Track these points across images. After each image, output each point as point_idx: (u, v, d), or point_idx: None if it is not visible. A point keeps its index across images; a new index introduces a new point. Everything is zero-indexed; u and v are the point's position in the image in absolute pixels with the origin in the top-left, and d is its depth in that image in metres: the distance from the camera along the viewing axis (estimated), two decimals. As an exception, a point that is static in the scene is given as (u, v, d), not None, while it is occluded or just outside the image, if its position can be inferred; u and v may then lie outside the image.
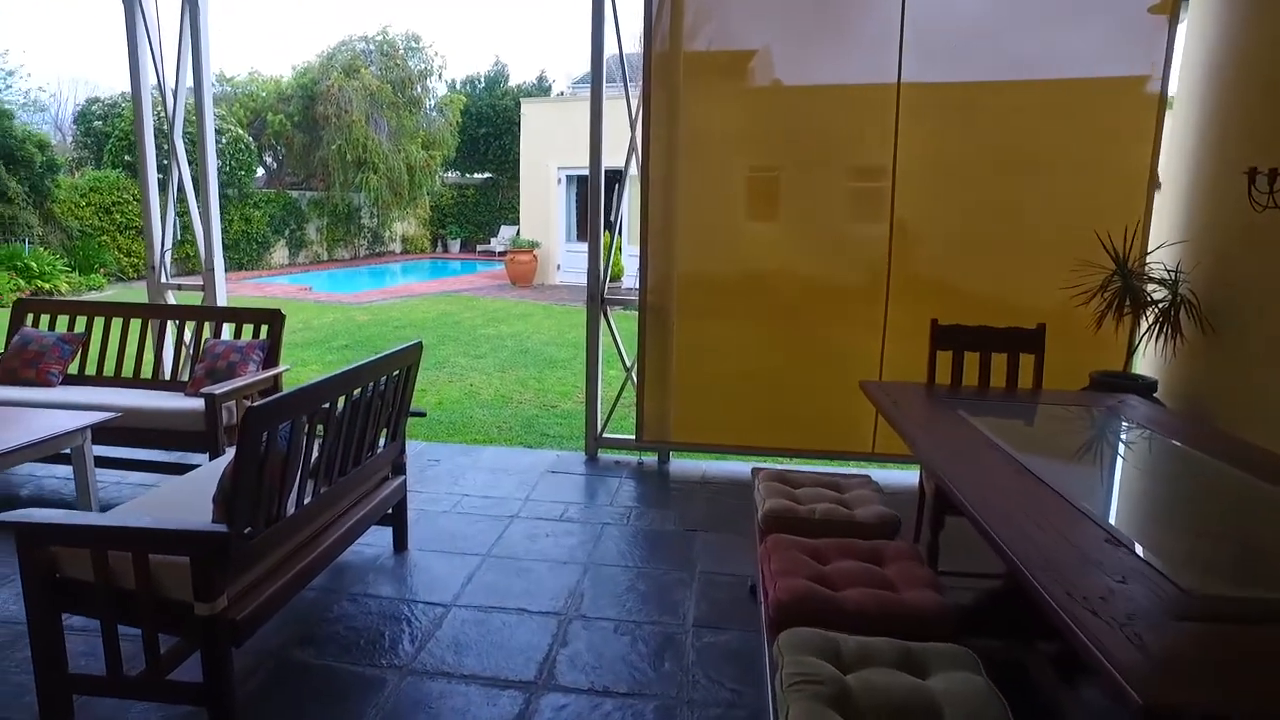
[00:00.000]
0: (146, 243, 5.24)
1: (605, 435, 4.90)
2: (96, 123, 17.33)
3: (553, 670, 2.71)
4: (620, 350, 4.91)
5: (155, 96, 5.22)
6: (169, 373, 4.75)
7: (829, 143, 4.34)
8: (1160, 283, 3.78)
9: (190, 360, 4.55)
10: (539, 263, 15.92)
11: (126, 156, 15.79)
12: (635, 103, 4.48)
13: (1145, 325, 3.79)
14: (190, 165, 5.20)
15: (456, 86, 24.80)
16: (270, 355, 4.37)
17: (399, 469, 3.55)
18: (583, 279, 15.13)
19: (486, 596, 3.21)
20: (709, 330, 4.58)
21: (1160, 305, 3.72)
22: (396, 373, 3.12)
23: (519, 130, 18.71)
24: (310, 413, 2.55)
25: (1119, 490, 2.31)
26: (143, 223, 5.29)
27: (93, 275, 14.24)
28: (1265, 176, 3.01)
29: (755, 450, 4.63)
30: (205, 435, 3.88)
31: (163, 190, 5.27)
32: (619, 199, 5.84)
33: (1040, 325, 3.23)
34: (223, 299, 5.12)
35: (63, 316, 4.76)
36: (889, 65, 4.13)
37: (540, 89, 25.05)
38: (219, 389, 3.85)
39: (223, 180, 17.31)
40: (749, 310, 4.52)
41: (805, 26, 4.26)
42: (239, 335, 4.58)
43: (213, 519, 2.38)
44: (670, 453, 4.82)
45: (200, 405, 3.87)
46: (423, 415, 3.67)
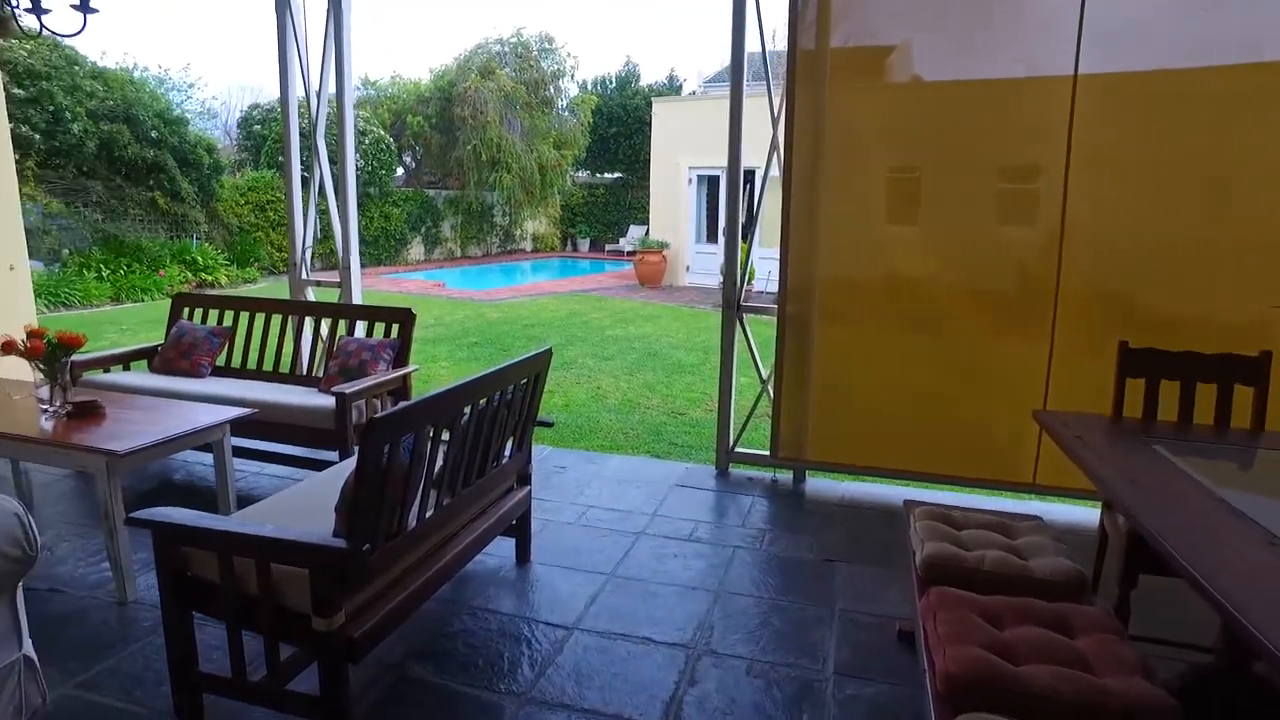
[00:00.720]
0: (290, 240, 5.39)
1: (737, 450, 4.65)
2: (256, 126, 18.47)
3: (679, 714, 2.49)
4: (756, 360, 4.64)
5: (302, 101, 5.36)
6: (305, 368, 4.85)
7: (985, 141, 3.92)
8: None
9: (325, 356, 4.61)
10: (668, 263, 15.78)
11: (279, 158, 16.73)
12: (777, 100, 4.20)
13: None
14: (331, 166, 5.30)
15: (588, 86, 25.03)
16: (400, 355, 4.36)
17: (524, 479, 3.42)
18: (712, 281, 14.81)
19: (611, 621, 3.03)
20: (852, 340, 4.25)
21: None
22: (524, 380, 2.98)
23: (649, 130, 18.64)
24: (434, 424, 2.43)
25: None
26: (287, 221, 5.44)
27: (248, 269, 15.16)
28: None
29: (900, 474, 4.27)
30: (335, 433, 3.89)
31: (305, 190, 5.40)
32: (754, 200, 5.56)
33: (1264, 353, 2.74)
34: (358, 296, 5.19)
35: (213, 311, 4.94)
36: (1062, 55, 3.68)
37: (671, 88, 24.94)
38: (349, 388, 3.85)
39: (364, 179, 18.10)
40: (896, 320, 4.16)
41: (962, 18, 3.87)
42: (371, 333, 4.60)
43: (334, 531, 2.30)
44: (806, 471, 4.52)
45: (331, 403, 3.88)
46: (550, 425, 3.54)
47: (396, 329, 4.46)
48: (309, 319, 4.97)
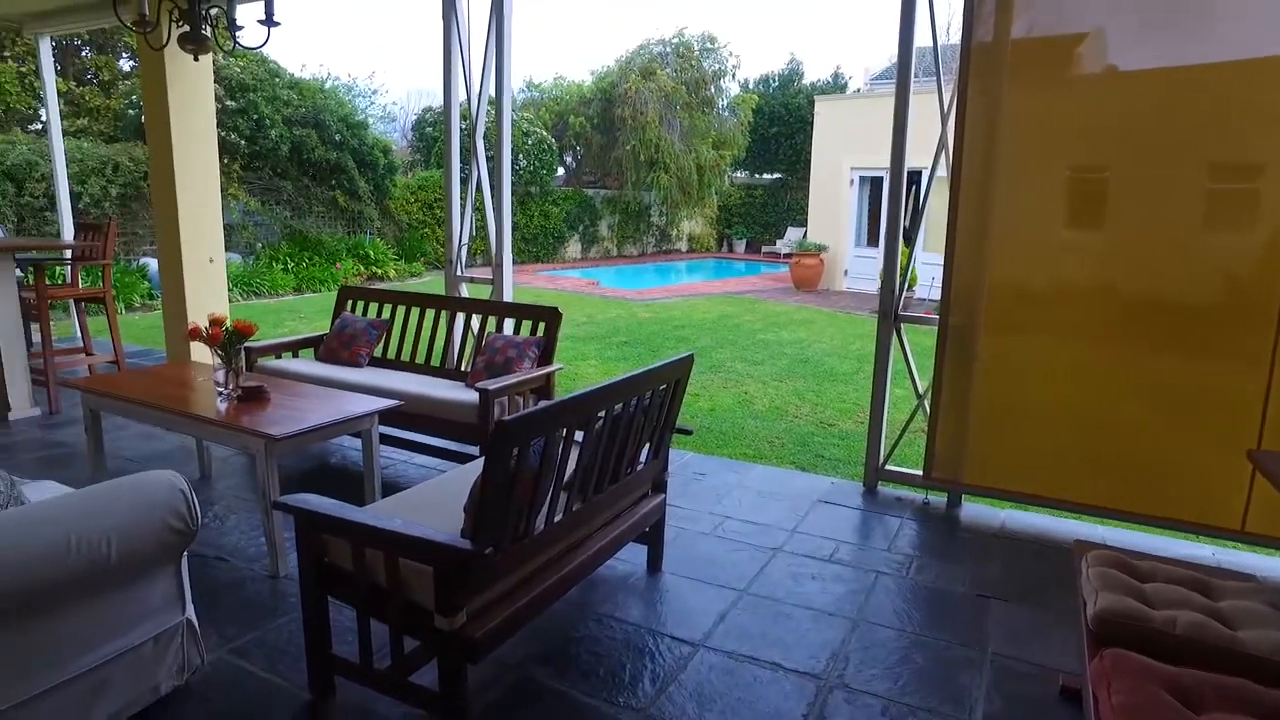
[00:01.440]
0: (447, 237, 5.57)
1: (888, 467, 4.37)
2: (428, 129, 19.51)
3: (808, 752, 2.32)
4: (912, 372, 4.35)
5: (464, 105, 5.53)
6: (455, 362, 4.99)
7: (1192, 136, 3.44)
8: None
9: (474, 352, 4.72)
10: (825, 267, 15.31)
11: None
12: (948, 97, 3.90)
13: None
14: (489, 165, 5.43)
15: (750, 86, 24.76)
16: (545, 353, 4.39)
17: (660, 486, 3.34)
18: (871, 286, 14.25)
19: (739, 641, 2.89)
20: (1021, 355, 3.88)
21: None
22: (664, 387, 2.89)
23: (811, 129, 18.17)
24: (564, 428, 2.38)
25: None
26: (445, 218, 5.63)
27: (414, 263, 16.03)
28: None
29: (1070, 506, 3.85)
30: (478, 428, 3.96)
31: (464, 188, 5.56)
32: (917, 203, 5.23)
33: None
34: (509, 292, 5.29)
35: (373, 304, 5.18)
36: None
37: (835, 86, 24.25)
38: (493, 384, 3.90)
39: (526, 178, 18.70)
40: (1073, 334, 3.74)
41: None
42: (519, 330, 4.67)
43: (462, 529, 2.30)
44: (962, 495, 4.18)
45: (475, 398, 3.95)
46: (689, 433, 3.43)
47: (543, 327, 4.49)
48: (460, 314, 5.11)
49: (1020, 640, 2.91)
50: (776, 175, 24.45)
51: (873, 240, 15.66)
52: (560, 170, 22.02)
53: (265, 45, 3.60)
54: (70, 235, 8.03)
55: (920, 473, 4.20)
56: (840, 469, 5.06)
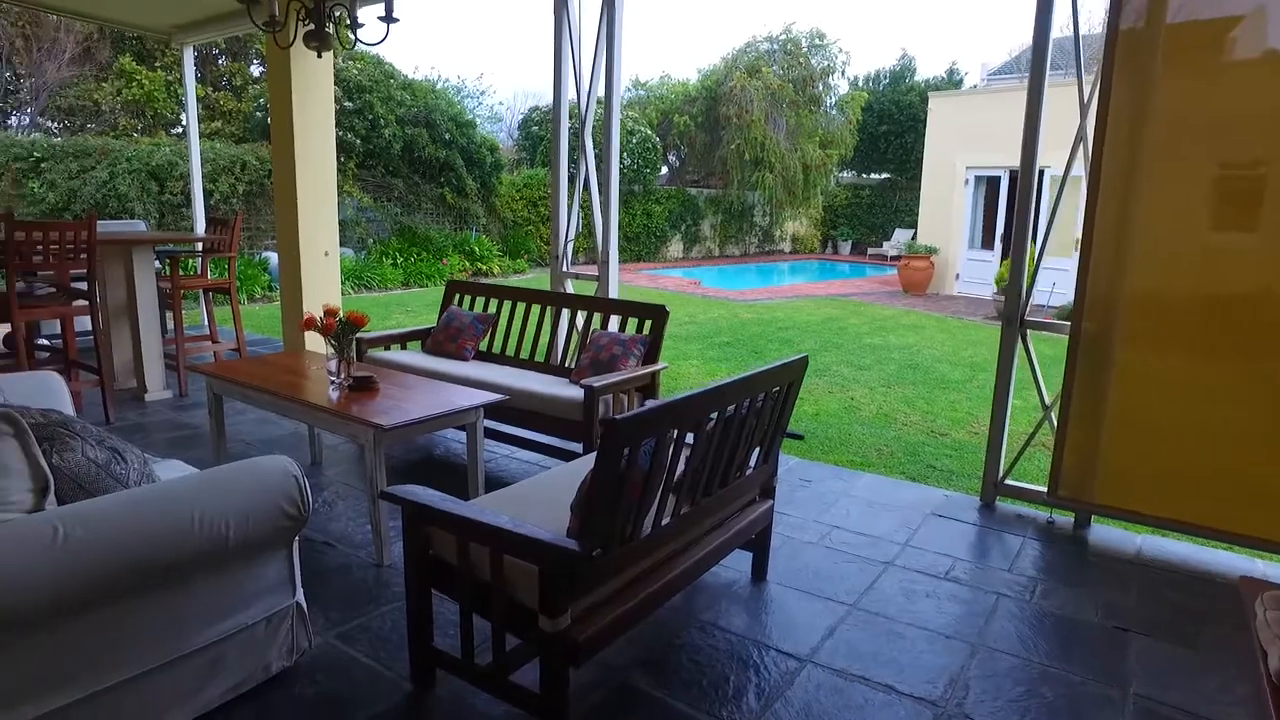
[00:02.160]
0: (552, 233, 5.58)
1: (1008, 482, 4.11)
2: (534, 128, 19.82)
3: (927, 786, 2.17)
4: (1039, 382, 4.07)
5: (573, 103, 5.53)
6: (559, 358, 4.98)
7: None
8: None
9: (578, 348, 4.70)
10: (935, 270, 14.75)
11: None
12: (1088, 89, 3.62)
13: None
14: (597, 164, 5.41)
15: (859, 83, 24.16)
16: (650, 351, 4.32)
17: (768, 492, 3.22)
18: (984, 290, 13.63)
19: (849, 659, 2.74)
20: (1164, 368, 3.56)
21: None
22: (776, 389, 2.77)
23: (923, 127, 17.56)
24: (676, 429, 2.29)
25: None
26: (551, 215, 5.64)
27: (517, 260, 16.30)
28: None
29: (1227, 536, 3.50)
30: (582, 425, 3.92)
31: (571, 186, 5.56)
32: (1041, 203, 4.90)
33: None
34: (614, 290, 5.25)
35: (480, 299, 5.24)
36: None
37: (950, 83, 23.39)
38: (597, 382, 3.86)
39: (630, 177, 18.76)
40: (1228, 347, 3.40)
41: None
42: (624, 328, 4.61)
43: (568, 529, 2.25)
44: (1092, 516, 3.89)
45: (579, 395, 3.91)
46: (800, 438, 3.30)
47: (649, 325, 4.43)
48: (565, 310, 5.10)
49: (1167, 682, 2.66)
50: (884, 175, 23.80)
51: (987, 243, 14.99)
52: (664, 169, 22.02)
53: (384, 41, 3.67)
54: (202, 230, 8.48)
55: (1044, 489, 3.93)
56: (953, 481, 4.81)
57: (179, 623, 2.26)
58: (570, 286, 5.64)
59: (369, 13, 5.37)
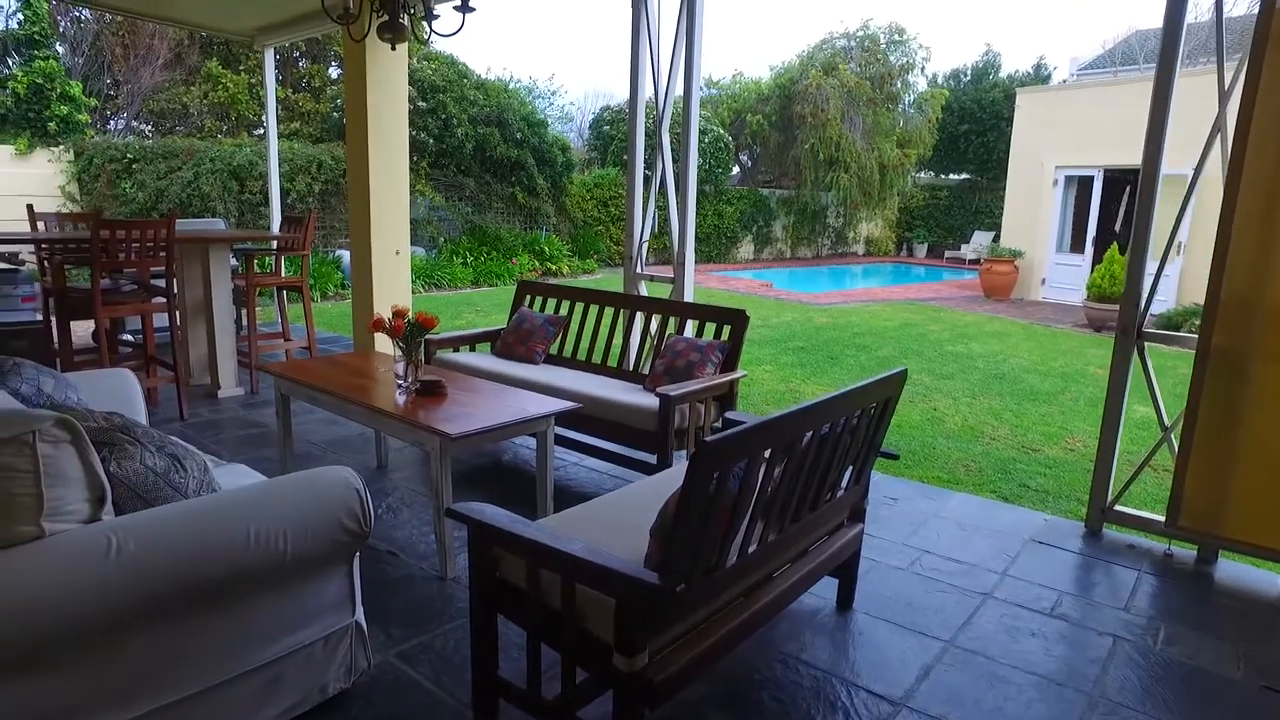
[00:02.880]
0: (627, 233, 5.40)
1: (1117, 508, 3.76)
2: (605, 128, 19.73)
3: None
4: (1157, 400, 3.71)
5: (649, 102, 5.36)
6: (633, 363, 4.80)
7: None
8: None
9: (652, 353, 4.50)
10: (1019, 274, 14.11)
11: (624, 157, 17.73)
12: (1229, 77, 3.26)
13: None
14: (674, 163, 5.22)
15: (939, 81, 23.42)
16: (729, 358, 4.10)
17: (858, 514, 2.97)
18: (1073, 296, 12.97)
19: (948, 705, 2.48)
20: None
21: None
22: (873, 405, 2.53)
23: (1006, 126, 16.88)
24: (770, 451, 2.08)
25: None
26: (626, 215, 5.47)
27: (587, 260, 16.21)
28: None
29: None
30: (656, 436, 3.73)
31: (646, 185, 5.38)
32: (1130, 206, 4.50)
33: None
34: (690, 293, 5.05)
35: (551, 300, 5.09)
36: None
37: (1037, 78, 22.47)
38: (674, 390, 3.66)
39: (701, 177, 18.52)
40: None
41: None
42: (701, 333, 4.40)
43: (646, 556, 2.05)
44: (1219, 551, 3.51)
45: (655, 404, 3.72)
46: (895, 457, 3.03)
47: (728, 330, 4.21)
48: (639, 313, 4.92)
49: (1322, 748, 2.33)
50: (964, 176, 23.03)
51: (1076, 246, 14.26)
52: (735, 169, 21.70)
53: (459, 32, 3.54)
54: (278, 228, 8.58)
55: (1161, 518, 3.57)
56: (1050, 503, 4.46)
57: (236, 640, 2.15)
58: (644, 288, 5.46)
59: (444, 6, 5.30)
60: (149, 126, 15.32)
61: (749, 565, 2.23)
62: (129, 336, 6.95)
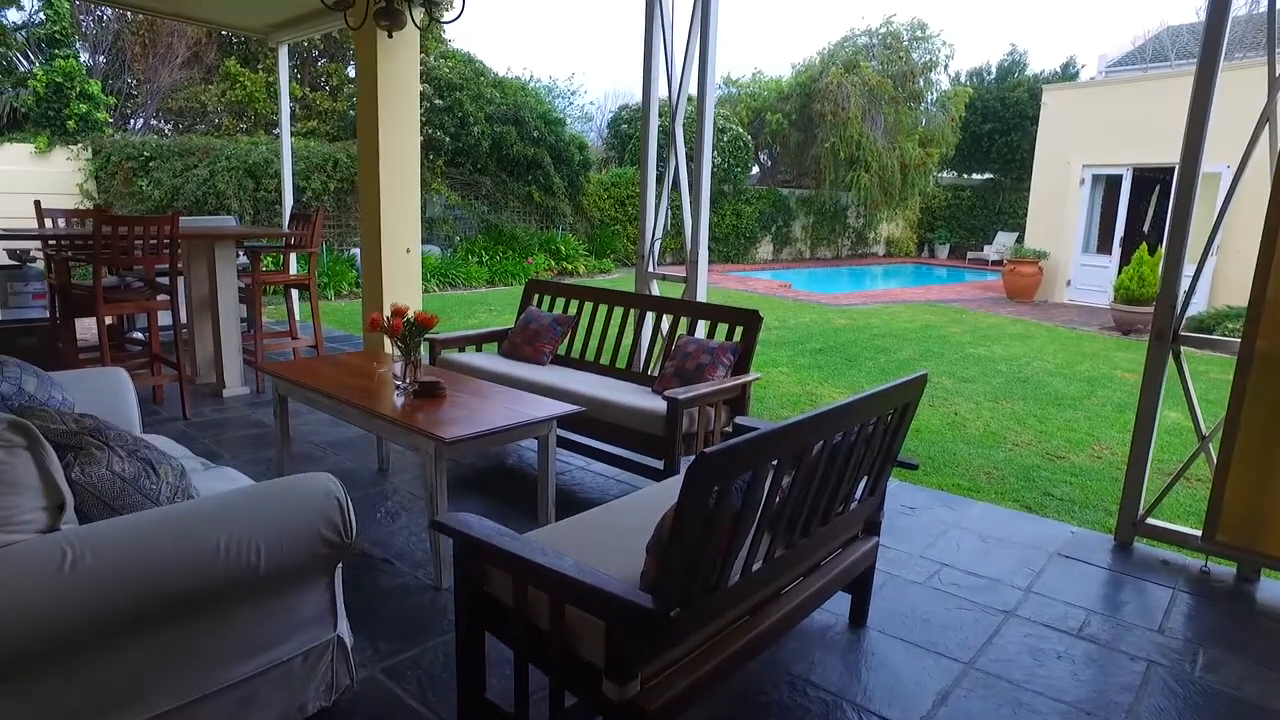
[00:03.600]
0: (640, 232, 5.26)
1: (1149, 521, 3.56)
2: (623, 126, 19.57)
3: None
4: (1194, 408, 3.50)
5: (664, 100, 5.22)
6: (642, 364, 4.65)
7: None
8: None
9: (662, 354, 4.35)
10: (1043, 276, 13.81)
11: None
12: None
13: None
14: (687, 161, 5.08)
15: (962, 79, 23.07)
16: (741, 360, 3.94)
17: (873, 527, 2.80)
18: (1099, 298, 12.65)
19: (970, 736, 2.31)
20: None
21: None
22: (890, 413, 2.36)
23: (1031, 124, 16.55)
24: (776, 462, 1.92)
25: None
26: (639, 214, 5.32)
27: (603, 260, 16.06)
28: None
29: None
30: (663, 440, 3.57)
31: (660, 184, 5.24)
32: (1159, 205, 4.27)
33: None
34: (703, 292, 4.89)
35: (559, 299, 4.95)
36: None
37: (1065, 76, 22.07)
38: (682, 394, 3.50)
39: (720, 176, 18.31)
40: None
41: None
42: (712, 334, 4.25)
43: (641, 575, 1.90)
44: (1261, 569, 3.31)
45: (662, 407, 3.56)
46: (914, 467, 2.86)
47: (740, 332, 4.05)
48: (650, 313, 4.76)
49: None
50: (987, 175, 22.66)
51: (1103, 247, 13.94)
52: (754, 168, 21.47)
53: (460, 18, 3.41)
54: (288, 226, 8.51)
55: (1197, 532, 3.37)
56: (1077, 514, 4.26)
57: (206, 657, 2.02)
58: (656, 287, 5.31)
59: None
60: (168, 125, 15.37)
61: (753, 584, 2.08)
62: (139, 334, 6.90)
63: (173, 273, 5.18)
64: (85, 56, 14.72)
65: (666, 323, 4.53)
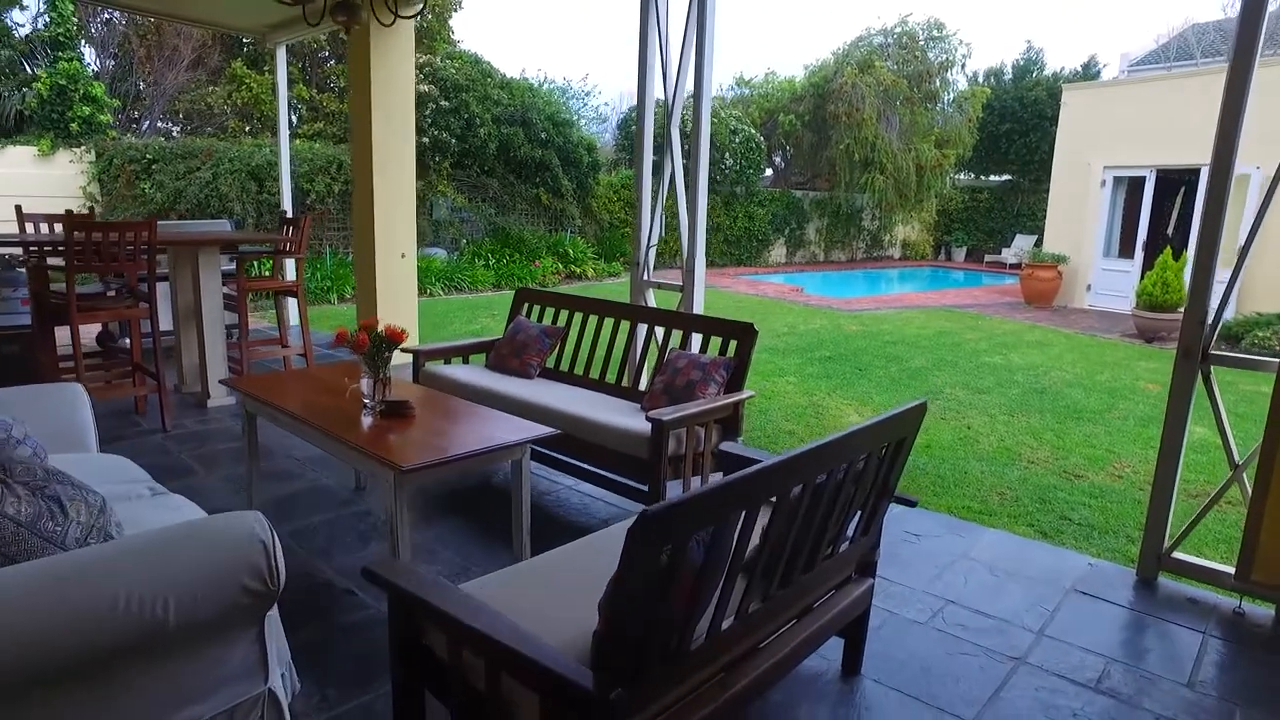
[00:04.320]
0: (634, 239, 5.02)
1: (1176, 555, 3.28)
2: (633, 127, 19.31)
3: None
4: (1226, 433, 3.22)
5: (660, 104, 5.01)
6: (634, 379, 4.41)
7: None
8: None
9: (654, 369, 4.11)
10: (1063, 281, 13.44)
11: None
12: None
13: None
14: (684, 164, 4.85)
15: (979, 79, 22.67)
16: (735, 377, 3.69)
17: (867, 568, 2.55)
18: (1120, 304, 12.24)
19: (973, 811, 2.05)
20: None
21: None
22: (884, 447, 2.11)
23: (1050, 125, 16.16)
24: (744, 512, 1.68)
25: None
26: (633, 219, 5.09)
27: (613, 263, 15.81)
28: None
29: None
30: (649, 464, 3.33)
31: (655, 189, 5.01)
32: (1183, 208, 3.98)
33: None
34: (699, 303, 4.65)
35: (550, 309, 4.73)
36: None
37: (1086, 76, 21.63)
38: (668, 414, 3.25)
39: (732, 178, 18.03)
40: None
41: None
42: (706, 347, 4.00)
43: (594, 634, 1.67)
44: (1299, 610, 3.03)
45: (648, 428, 3.32)
46: (913, 504, 2.60)
47: (734, 346, 3.80)
48: (642, 325, 4.53)
49: None
50: (1005, 177, 22.25)
51: (1125, 251, 13.55)
52: (768, 170, 21.17)
53: (422, 11, 3.19)
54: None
55: (1230, 569, 3.09)
56: (1095, 540, 3.98)
57: (116, 717, 1.81)
58: (651, 297, 5.07)
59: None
60: (176, 128, 15.30)
61: (722, 643, 1.84)
62: (128, 342, 6.74)
63: (151, 279, 4.99)
64: (94, 59, 14.69)
65: (660, 334, 4.30)
